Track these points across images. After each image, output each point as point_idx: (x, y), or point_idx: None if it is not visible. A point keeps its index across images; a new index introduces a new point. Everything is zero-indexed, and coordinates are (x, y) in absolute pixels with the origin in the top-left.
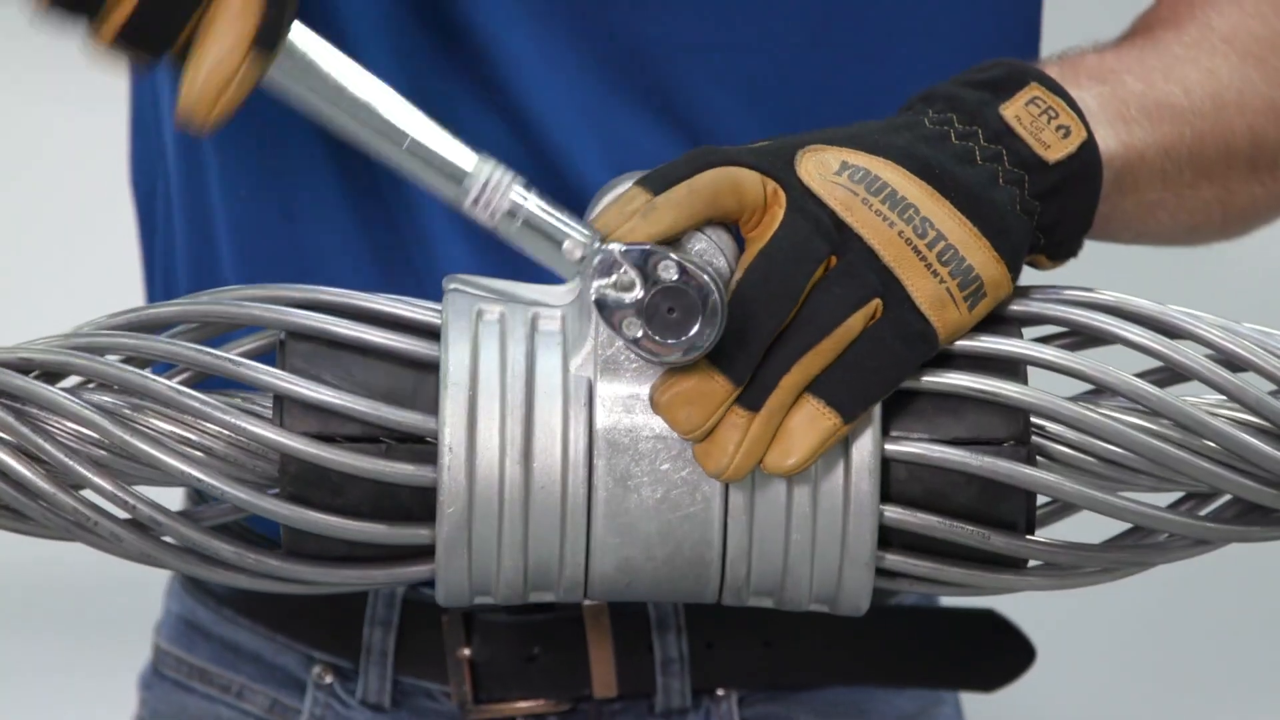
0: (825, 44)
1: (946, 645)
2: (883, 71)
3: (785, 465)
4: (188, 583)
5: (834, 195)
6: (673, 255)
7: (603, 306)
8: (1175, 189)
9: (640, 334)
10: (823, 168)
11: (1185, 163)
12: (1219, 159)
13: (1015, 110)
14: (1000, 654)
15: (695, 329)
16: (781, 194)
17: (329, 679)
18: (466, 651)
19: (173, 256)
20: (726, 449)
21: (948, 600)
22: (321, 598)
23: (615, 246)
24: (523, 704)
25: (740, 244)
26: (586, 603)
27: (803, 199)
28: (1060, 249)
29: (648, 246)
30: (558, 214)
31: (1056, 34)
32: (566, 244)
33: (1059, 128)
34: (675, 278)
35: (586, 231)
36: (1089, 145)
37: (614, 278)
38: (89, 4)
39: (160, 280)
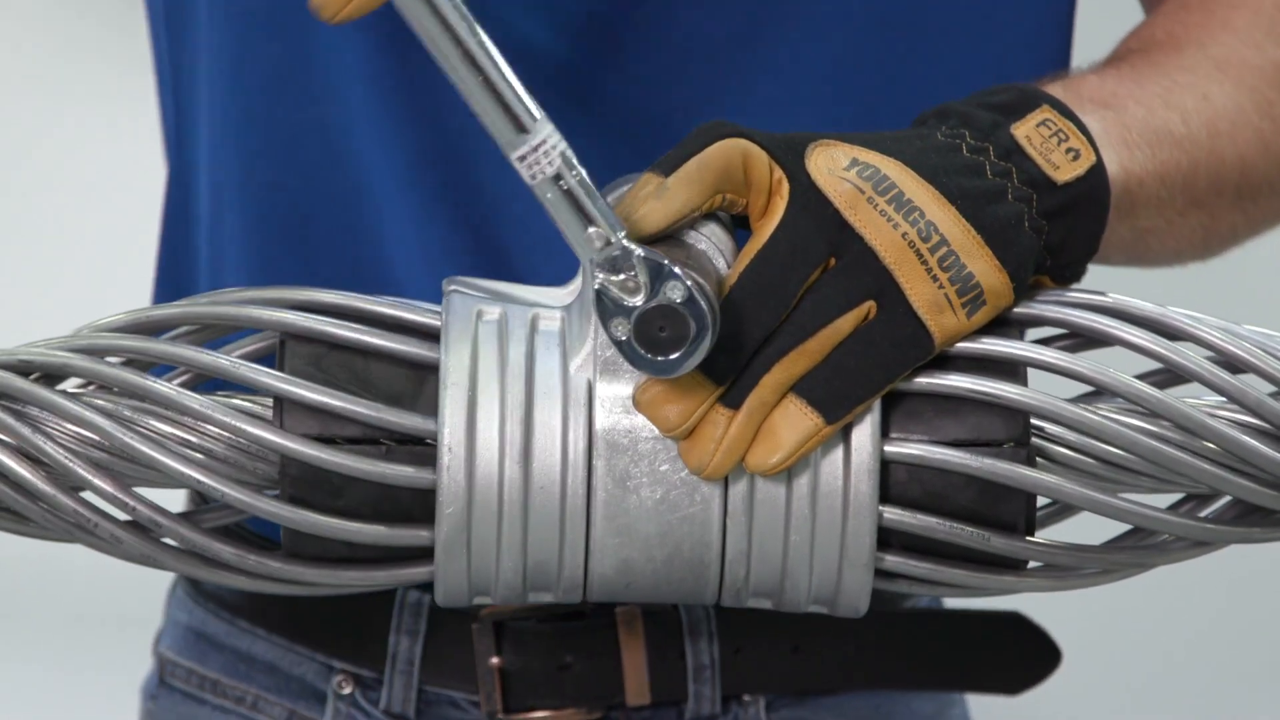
0: (890, 31)
1: (973, 648)
2: (944, 64)
3: (767, 464)
4: (197, 593)
5: (840, 191)
6: (686, 280)
7: (601, 300)
8: (1167, 216)
9: (624, 339)
10: (832, 162)
11: (1179, 190)
12: (1209, 188)
13: (1026, 131)
14: (1026, 657)
15: (676, 355)
16: (786, 185)
17: (349, 689)
18: (496, 660)
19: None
20: (707, 447)
21: (974, 602)
22: (343, 607)
23: (636, 249)
24: (553, 713)
25: (738, 241)
26: (619, 609)
27: (806, 194)
28: (1065, 271)
29: (665, 261)
30: (596, 198)
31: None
32: (593, 229)
33: (1069, 150)
34: (679, 300)
35: (617, 225)
36: (1098, 169)
37: (622, 277)
38: None
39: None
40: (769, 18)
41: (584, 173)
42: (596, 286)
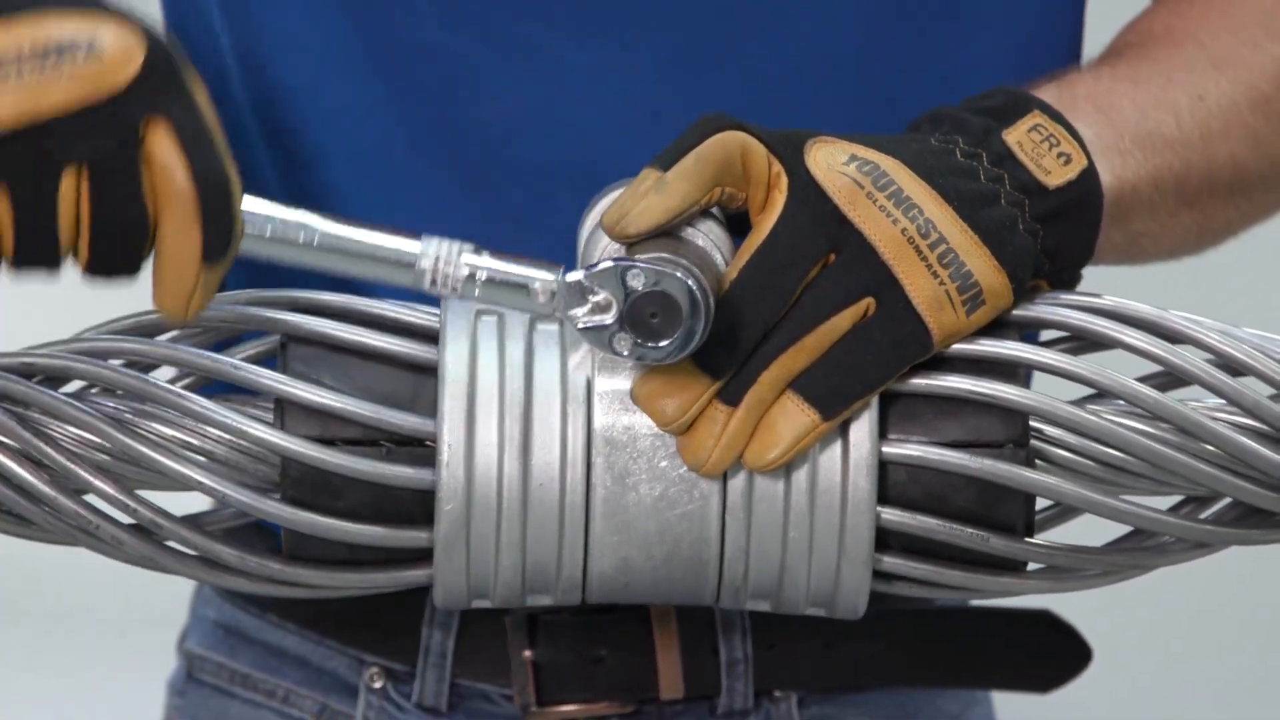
0: (912, 19)
1: (1003, 646)
2: (966, 53)
3: (764, 460)
4: (227, 590)
5: (839, 186)
6: (639, 262)
7: (587, 334)
8: (1160, 219)
9: (629, 349)
10: (831, 157)
11: (1171, 192)
12: (1202, 188)
13: (1018, 136)
14: (1056, 655)
15: (681, 329)
16: (784, 179)
17: (381, 682)
18: (529, 653)
19: None
20: (705, 443)
21: (1003, 600)
22: (375, 602)
23: (578, 274)
24: (586, 706)
25: (736, 239)
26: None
27: (805, 188)
28: (1062, 275)
29: (609, 263)
30: (514, 265)
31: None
32: (534, 286)
33: (1060, 155)
34: (642, 286)
35: (548, 271)
36: (1089, 173)
37: (589, 303)
38: (47, 260)
39: None
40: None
41: (487, 254)
42: (579, 328)
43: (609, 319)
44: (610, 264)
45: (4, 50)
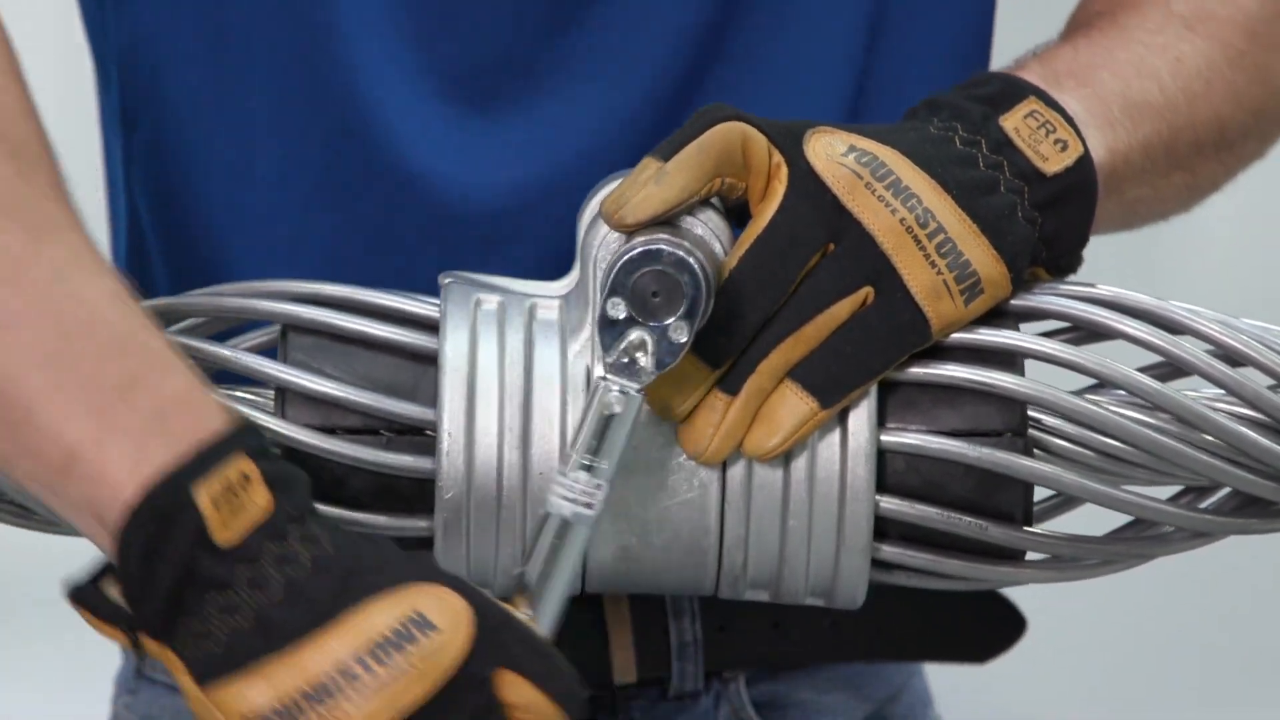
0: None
1: (939, 618)
2: (905, 53)
3: (764, 448)
4: None
5: (838, 176)
6: (616, 297)
7: (659, 373)
8: (1153, 183)
9: (674, 356)
10: (830, 148)
11: (1161, 157)
12: (1190, 149)
13: (1014, 123)
14: (991, 625)
15: (674, 317)
16: (784, 169)
17: None
18: None
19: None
20: (705, 431)
21: None
22: None
23: (607, 359)
24: None
25: (735, 228)
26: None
27: (805, 179)
28: (1060, 262)
29: (587, 330)
30: (588, 427)
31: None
32: (612, 412)
33: (1057, 141)
34: (623, 315)
35: (610, 393)
36: (1085, 159)
37: (624, 359)
38: None
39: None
40: (745, 6)
41: (573, 454)
42: (654, 377)
43: (647, 357)
44: (587, 331)
45: (343, 656)
